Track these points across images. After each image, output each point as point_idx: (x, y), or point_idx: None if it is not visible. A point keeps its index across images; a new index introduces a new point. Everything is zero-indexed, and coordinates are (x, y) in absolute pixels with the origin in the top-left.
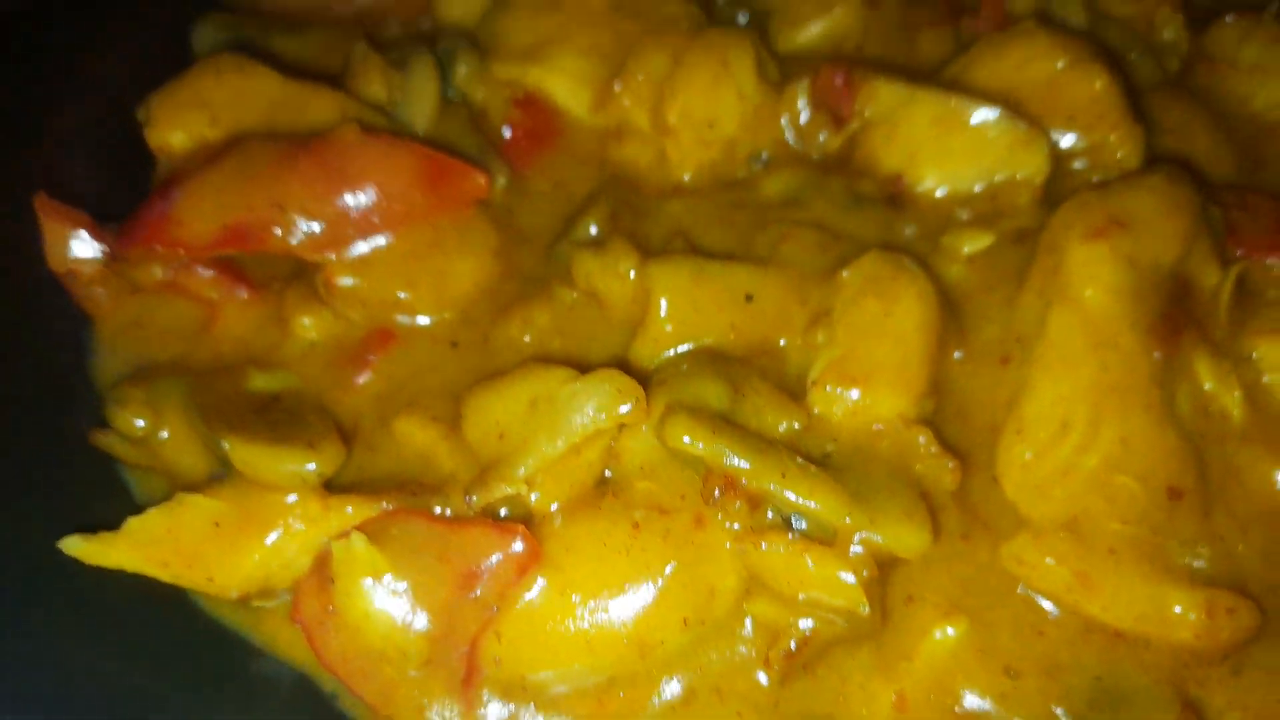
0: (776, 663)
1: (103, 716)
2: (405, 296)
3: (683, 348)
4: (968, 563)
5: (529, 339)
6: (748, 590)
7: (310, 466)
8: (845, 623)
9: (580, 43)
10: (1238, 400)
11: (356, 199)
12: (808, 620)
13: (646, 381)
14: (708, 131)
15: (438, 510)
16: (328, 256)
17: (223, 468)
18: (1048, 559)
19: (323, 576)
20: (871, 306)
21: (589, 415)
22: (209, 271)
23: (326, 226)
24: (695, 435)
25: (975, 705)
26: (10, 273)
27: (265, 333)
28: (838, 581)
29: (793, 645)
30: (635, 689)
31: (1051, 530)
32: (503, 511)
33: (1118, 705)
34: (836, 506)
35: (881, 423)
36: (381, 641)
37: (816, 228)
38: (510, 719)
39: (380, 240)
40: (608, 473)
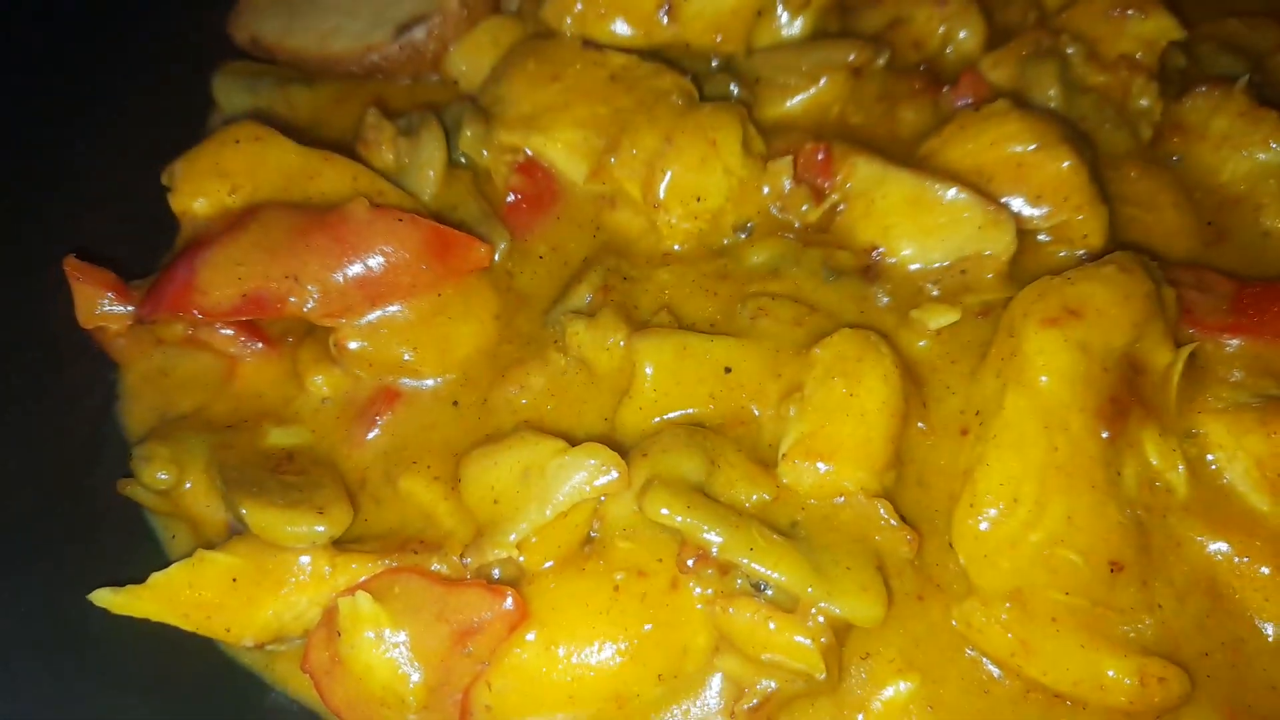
0: (741, 716)
1: None
2: (410, 359)
3: (668, 416)
4: (921, 622)
5: (525, 402)
6: (717, 649)
7: (320, 529)
8: (805, 683)
9: (578, 113)
10: (1182, 476)
11: (367, 272)
12: (771, 679)
13: (630, 451)
14: (695, 205)
15: (436, 567)
16: (339, 322)
17: (241, 522)
18: (994, 624)
19: (330, 629)
20: (839, 386)
21: (575, 486)
22: (228, 329)
23: (338, 296)
24: (673, 509)
25: None
26: (42, 320)
27: (281, 387)
28: (797, 646)
29: (755, 701)
30: None
31: (998, 598)
32: (495, 572)
33: None
34: (799, 579)
35: (844, 495)
36: (382, 690)
37: (793, 301)
38: None
39: (388, 308)
40: (593, 532)
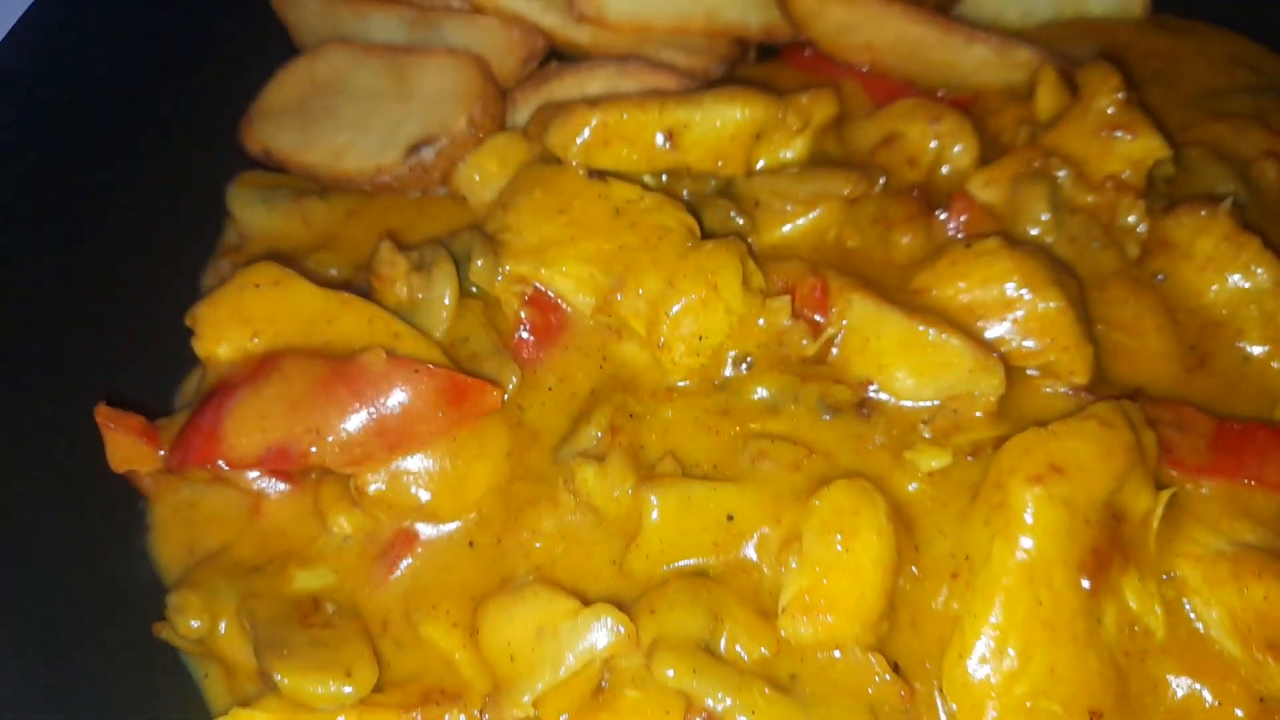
0: None
1: None
2: (427, 502)
3: (674, 565)
4: None
5: (538, 545)
6: None
7: (347, 690)
8: None
9: (585, 248)
10: (1160, 619)
11: (385, 422)
12: None
13: (638, 604)
14: (697, 344)
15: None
16: (358, 469)
17: (271, 683)
18: None
19: None
20: (834, 541)
21: (586, 647)
22: (253, 471)
23: (358, 446)
24: (679, 673)
25: None
26: (73, 458)
27: (304, 524)
28: None
29: None
30: None
31: None
32: None
33: None
34: None
35: (840, 649)
36: None
37: (792, 444)
38: None
39: (406, 455)
40: (604, 682)
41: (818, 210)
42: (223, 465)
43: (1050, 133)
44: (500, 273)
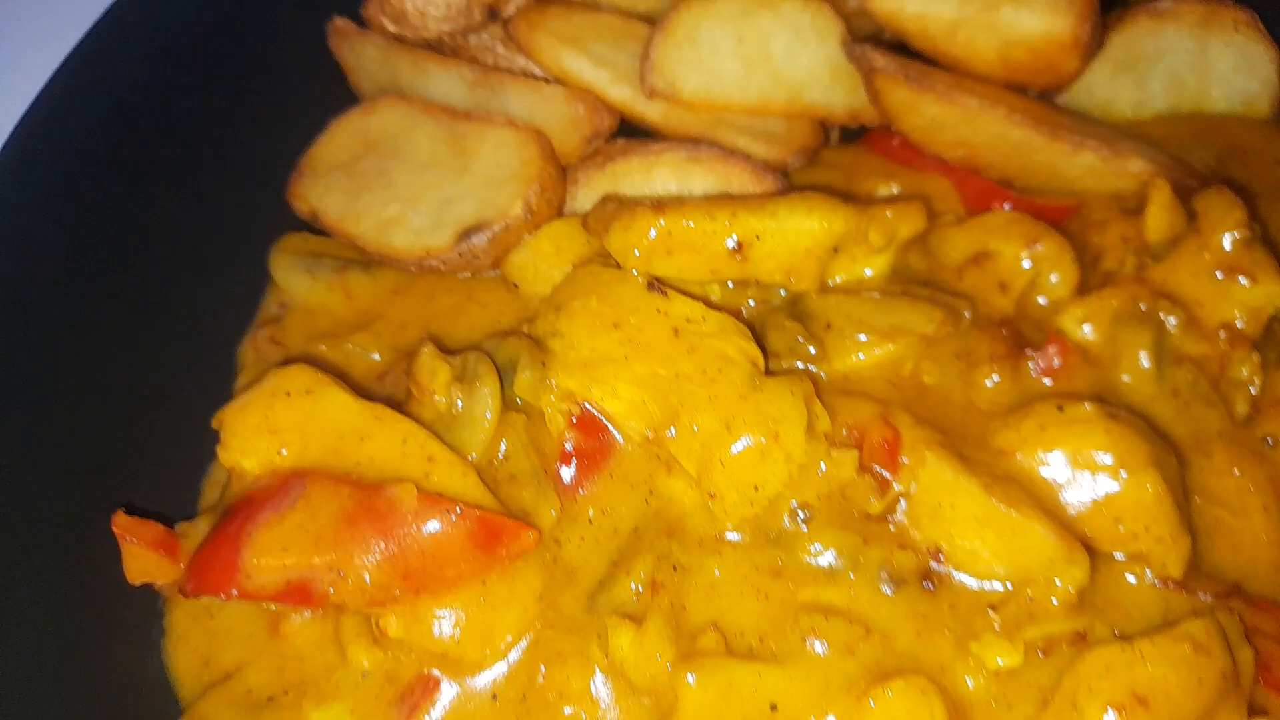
0: None
1: None
2: (451, 647)
3: None
4: None
5: (569, 710)
6: None
7: None
8: None
9: (638, 370)
10: None
11: (411, 564)
12: None
13: None
14: (752, 494)
15: None
16: (380, 610)
17: None
18: None
19: None
20: None
21: None
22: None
23: (381, 588)
24: None
25: None
26: (92, 567)
27: (324, 652)
28: None
29: None
30: None
31: None
32: None
33: None
34: None
35: None
36: None
37: (847, 620)
38: None
39: (431, 598)
40: None
41: (895, 343)
42: (237, 595)
43: (1160, 266)
44: (548, 387)
